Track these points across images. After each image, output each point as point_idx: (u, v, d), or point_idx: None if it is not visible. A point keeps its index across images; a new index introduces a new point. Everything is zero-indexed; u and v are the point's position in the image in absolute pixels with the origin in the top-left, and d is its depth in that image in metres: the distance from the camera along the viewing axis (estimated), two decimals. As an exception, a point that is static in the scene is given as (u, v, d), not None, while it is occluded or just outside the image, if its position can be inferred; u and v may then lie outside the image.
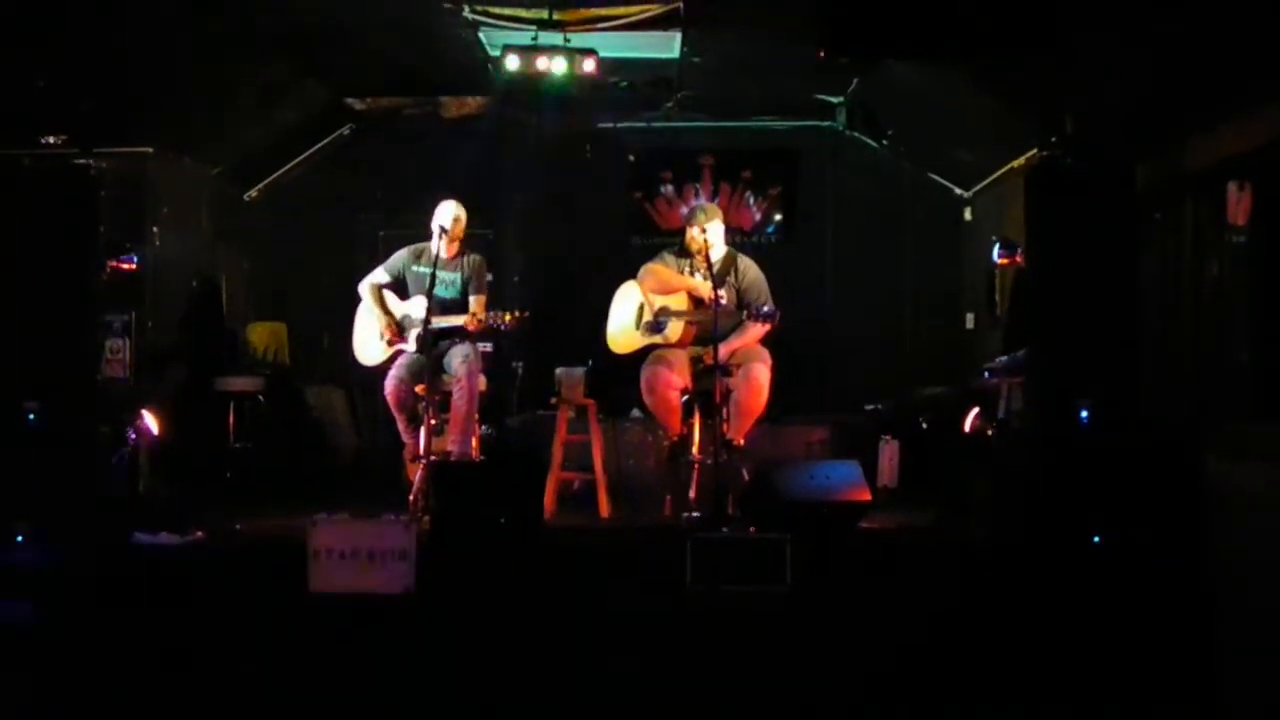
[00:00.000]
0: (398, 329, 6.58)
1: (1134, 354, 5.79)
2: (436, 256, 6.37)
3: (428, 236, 6.44)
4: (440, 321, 6.34)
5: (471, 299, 6.53)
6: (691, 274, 6.54)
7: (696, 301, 6.47)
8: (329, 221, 9.16)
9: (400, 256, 6.69)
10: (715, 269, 6.28)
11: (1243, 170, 5.39)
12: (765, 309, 6.19)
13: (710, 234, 6.43)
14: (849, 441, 7.56)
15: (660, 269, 6.66)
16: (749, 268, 6.58)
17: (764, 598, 5.13)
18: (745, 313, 6.29)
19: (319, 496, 6.67)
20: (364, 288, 6.73)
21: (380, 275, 6.71)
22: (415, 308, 6.44)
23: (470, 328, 6.39)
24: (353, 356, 6.84)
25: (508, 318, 6.31)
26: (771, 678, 4.87)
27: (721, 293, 6.18)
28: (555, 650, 4.94)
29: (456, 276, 6.60)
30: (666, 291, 6.59)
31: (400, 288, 6.67)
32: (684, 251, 6.66)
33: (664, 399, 6.35)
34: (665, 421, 6.44)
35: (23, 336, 6.10)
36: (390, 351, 6.61)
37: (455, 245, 6.57)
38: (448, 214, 6.48)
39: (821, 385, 8.73)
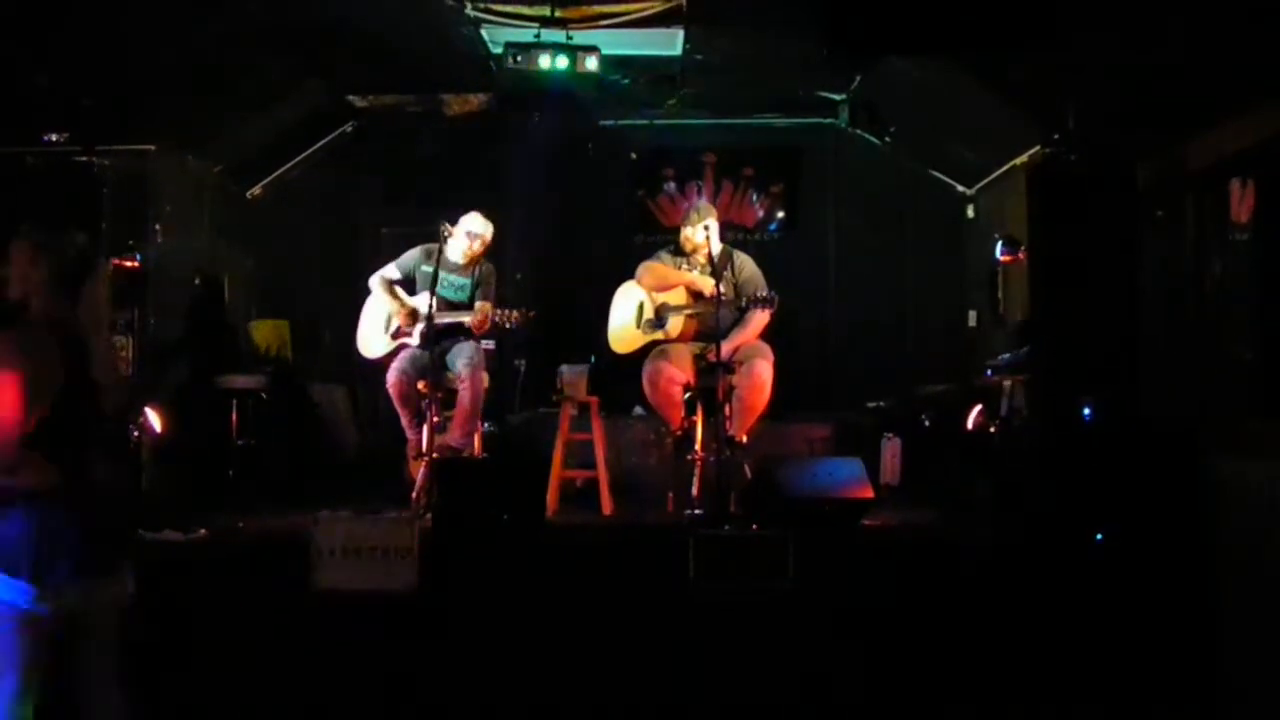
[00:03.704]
0: (410, 316, 6.60)
1: (1136, 351, 5.78)
2: (440, 253, 6.41)
3: (433, 236, 6.43)
4: (446, 317, 6.37)
5: (478, 303, 6.56)
6: (689, 271, 6.58)
7: (695, 296, 6.49)
8: (331, 219, 9.16)
9: (412, 255, 6.71)
10: (714, 264, 6.31)
11: (1245, 167, 5.39)
12: (762, 294, 6.23)
13: (710, 232, 6.46)
14: (851, 439, 7.55)
15: (657, 265, 6.71)
16: (745, 262, 6.62)
17: (766, 594, 5.13)
18: (743, 300, 6.31)
19: (322, 494, 6.68)
20: (375, 281, 6.76)
21: (392, 271, 6.75)
22: (423, 303, 6.46)
23: (476, 325, 6.40)
24: (356, 351, 6.86)
25: (515, 315, 6.33)
26: (774, 675, 4.88)
27: (720, 287, 6.20)
28: (557, 647, 4.95)
29: (467, 282, 6.64)
30: (665, 287, 6.61)
31: (410, 285, 6.70)
32: (679, 251, 6.70)
33: (666, 394, 6.37)
34: (667, 416, 6.45)
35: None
36: (393, 345, 6.64)
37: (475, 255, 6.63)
38: (485, 229, 6.62)
39: (824, 383, 8.72)
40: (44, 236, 3.45)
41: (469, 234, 6.57)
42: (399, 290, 6.72)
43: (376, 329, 6.74)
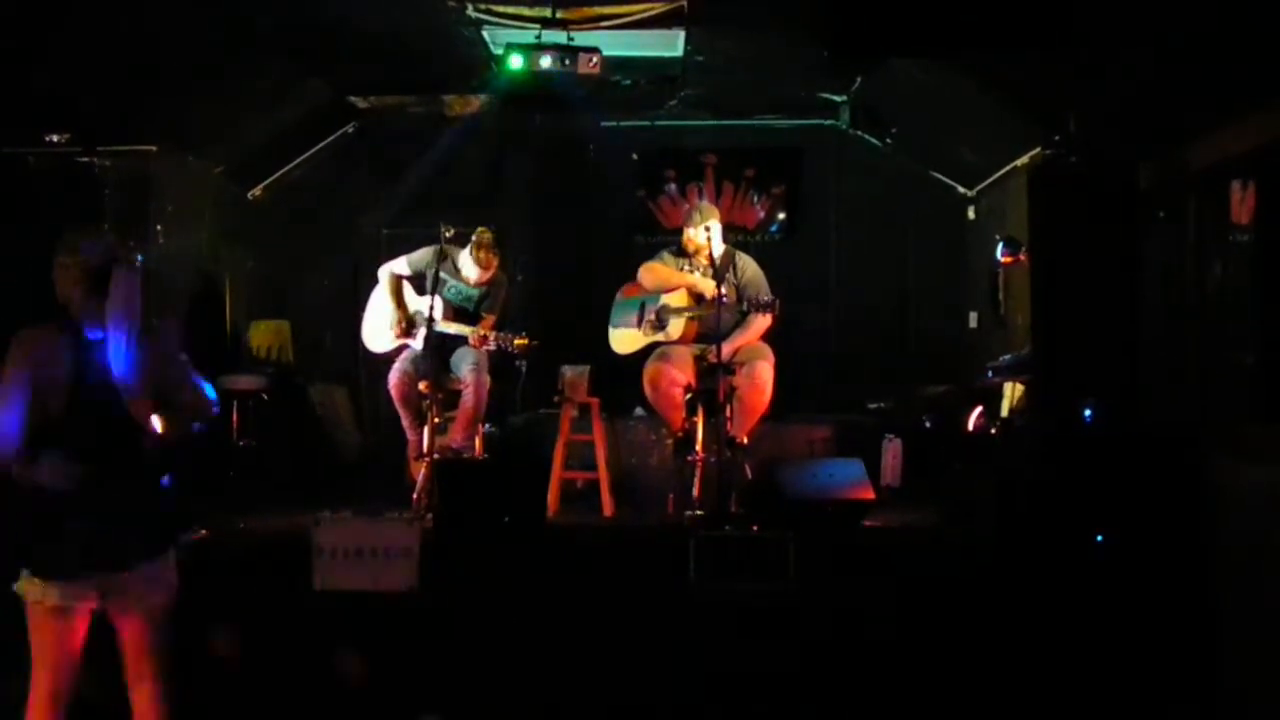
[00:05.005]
0: (407, 325, 6.60)
1: (1137, 354, 5.78)
2: (448, 256, 6.40)
3: (435, 237, 6.42)
4: (449, 328, 6.37)
5: (485, 315, 6.56)
6: (691, 273, 6.58)
7: (697, 298, 6.50)
8: (332, 220, 9.16)
9: (424, 254, 6.65)
10: (715, 266, 6.31)
11: (1246, 169, 5.38)
12: (764, 298, 6.23)
13: (711, 233, 6.46)
14: (852, 440, 7.54)
15: (659, 266, 6.71)
16: (747, 264, 6.62)
17: (767, 595, 5.14)
18: (744, 304, 6.32)
19: (323, 495, 6.68)
20: (384, 272, 6.77)
21: (402, 266, 6.73)
22: (426, 306, 6.45)
23: (475, 344, 6.40)
24: (360, 343, 6.86)
25: (518, 342, 6.32)
26: (774, 675, 4.88)
27: (722, 289, 6.20)
28: (558, 648, 4.95)
29: (475, 292, 6.63)
30: (666, 288, 6.62)
31: (420, 282, 6.68)
32: (681, 251, 6.70)
33: (667, 395, 6.37)
34: (668, 417, 6.46)
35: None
36: (397, 343, 6.64)
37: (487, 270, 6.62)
38: (488, 265, 6.57)
39: (824, 384, 8.71)
40: (74, 240, 3.53)
41: (476, 253, 6.55)
42: (405, 288, 6.72)
43: (382, 324, 6.74)
